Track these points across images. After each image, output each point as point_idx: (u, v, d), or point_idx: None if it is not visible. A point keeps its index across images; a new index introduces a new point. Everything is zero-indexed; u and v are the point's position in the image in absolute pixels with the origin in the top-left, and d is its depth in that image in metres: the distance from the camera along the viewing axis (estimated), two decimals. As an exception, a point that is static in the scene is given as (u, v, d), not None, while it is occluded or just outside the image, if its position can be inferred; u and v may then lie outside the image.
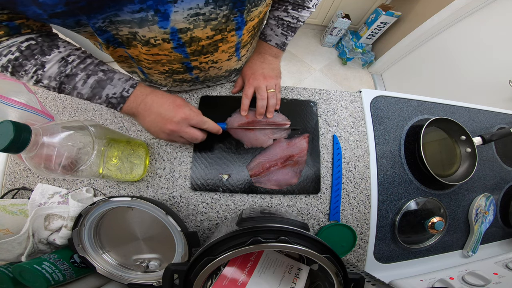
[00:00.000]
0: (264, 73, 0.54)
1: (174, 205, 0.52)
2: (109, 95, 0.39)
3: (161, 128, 0.41)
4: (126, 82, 0.40)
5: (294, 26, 0.51)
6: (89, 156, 0.34)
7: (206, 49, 0.42)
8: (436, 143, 0.63)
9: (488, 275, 0.49)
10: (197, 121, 0.43)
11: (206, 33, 0.38)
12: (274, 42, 0.53)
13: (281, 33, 0.52)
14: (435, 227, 0.55)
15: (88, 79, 0.38)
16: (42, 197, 0.48)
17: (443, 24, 1.51)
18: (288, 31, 0.52)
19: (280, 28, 0.51)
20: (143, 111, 0.41)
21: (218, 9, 0.34)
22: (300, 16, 0.50)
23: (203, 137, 0.45)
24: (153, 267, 0.44)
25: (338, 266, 0.28)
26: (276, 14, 0.50)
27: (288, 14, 0.49)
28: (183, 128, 0.41)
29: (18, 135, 0.26)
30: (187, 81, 0.53)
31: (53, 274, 0.38)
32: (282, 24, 0.50)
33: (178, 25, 0.35)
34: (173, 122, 0.40)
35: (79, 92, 0.38)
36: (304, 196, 0.54)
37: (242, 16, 0.38)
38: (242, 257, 0.32)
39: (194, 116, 0.42)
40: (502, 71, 1.23)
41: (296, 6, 0.48)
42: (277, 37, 0.52)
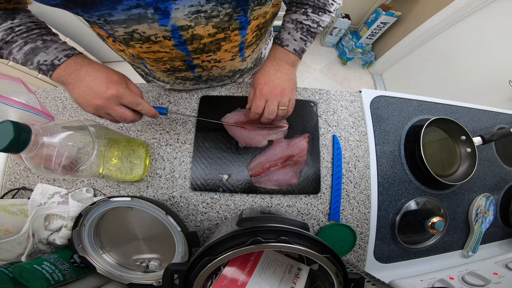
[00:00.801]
0: (280, 84, 0.47)
1: (174, 205, 0.52)
2: (40, 62, 0.37)
3: (88, 102, 0.37)
4: (63, 51, 0.38)
5: (314, 31, 0.47)
6: (89, 156, 0.34)
7: (208, 47, 0.41)
8: (436, 143, 0.63)
9: (488, 275, 0.49)
10: (130, 101, 0.38)
11: (207, 30, 0.37)
12: (292, 48, 0.47)
13: (300, 38, 0.47)
14: (435, 227, 0.55)
15: (24, 46, 0.37)
16: (42, 197, 0.48)
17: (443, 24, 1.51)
18: (307, 36, 0.47)
19: (299, 32, 0.47)
20: (74, 81, 0.38)
21: (220, 7, 0.34)
22: (320, 21, 0.46)
23: (133, 118, 0.40)
24: (153, 267, 0.44)
25: (338, 266, 0.28)
26: (294, 17, 0.46)
27: (308, 17, 0.45)
28: (111, 105, 0.37)
29: (18, 135, 0.26)
30: (190, 79, 0.52)
31: (53, 274, 0.38)
32: (302, 28, 0.46)
33: (179, 22, 0.34)
34: (102, 97, 0.36)
35: (14, 57, 0.38)
36: (304, 196, 0.54)
37: (246, 15, 0.38)
38: (242, 257, 0.32)
39: (128, 96, 0.38)
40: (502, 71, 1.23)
41: (317, 9, 0.45)
42: (296, 42, 0.47)
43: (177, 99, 0.59)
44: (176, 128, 0.56)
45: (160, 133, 0.56)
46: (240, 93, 0.60)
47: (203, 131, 0.55)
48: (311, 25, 0.46)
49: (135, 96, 0.39)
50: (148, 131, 0.56)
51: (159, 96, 0.59)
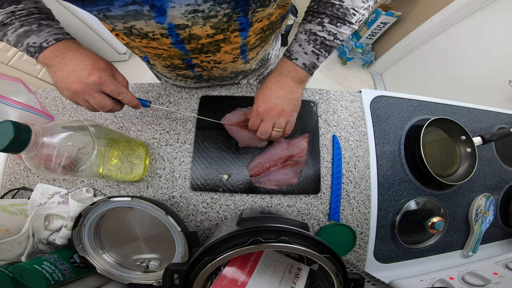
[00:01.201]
0: (278, 105, 0.44)
1: (174, 205, 0.52)
2: (29, 43, 0.37)
3: (67, 85, 0.36)
4: (54, 35, 0.37)
5: (330, 44, 0.42)
6: (89, 156, 0.34)
7: (206, 48, 0.41)
8: (436, 143, 0.63)
9: (488, 275, 0.49)
10: (111, 89, 0.37)
11: (205, 31, 0.37)
12: (302, 62, 0.43)
13: (312, 52, 0.42)
14: (435, 227, 0.55)
15: (19, 28, 0.37)
16: (42, 197, 0.48)
17: (443, 24, 1.51)
18: (321, 49, 0.42)
19: (312, 45, 0.41)
20: (58, 64, 0.36)
21: (218, 6, 0.33)
22: (338, 33, 0.41)
23: (112, 107, 0.38)
24: (153, 267, 0.44)
25: (338, 266, 0.28)
26: (308, 27, 0.41)
27: (324, 28, 0.40)
28: (90, 92, 0.36)
29: (18, 135, 0.26)
30: (191, 78, 0.52)
31: (53, 274, 0.38)
32: (315, 40, 0.41)
33: (176, 21, 0.34)
34: (83, 82, 0.35)
35: (7, 39, 0.37)
36: (304, 196, 0.54)
37: (246, 17, 0.37)
38: (242, 257, 0.32)
39: (110, 84, 0.37)
40: (502, 71, 1.23)
41: (335, 19, 0.40)
42: (306, 56, 0.42)
43: (177, 99, 0.59)
44: (176, 128, 0.56)
45: (160, 133, 0.56)
46: (240, 93, 0.60)
47: (203, 131, 0.55)
48: (326, 37, 0.41)
49: (117, 84, 0.38)
50: (148, 131, 0.56)
51: (159, 96, 0.59)
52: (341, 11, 0.39)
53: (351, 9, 0.39)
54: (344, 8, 0.39)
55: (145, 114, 0.57)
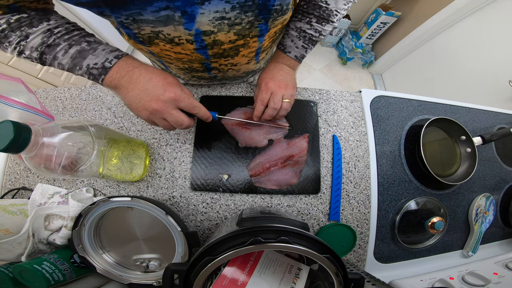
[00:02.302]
0: (284, 80, 0.50)
1: (174, 205, 0.52)
2: (90, 65, 0.35)
3: (144, 105, 0.35)
4: (111, 52, 0.36)
5: (316, 39, 0.49)
6: (89, 156, 0.34)
7: (227, 52, 0.43)
8: (436, 143, 0.63)
9: (488, 275, 0.49)
10: (187, 104, 0.37)
11: (229, 37, 0.39)
12: (294, 55, 0.50)
13: (302, 46, 0.49)
14: (435, 227, 0.55)
15: (69, 49, 0.35)
16: (42, 197, 0.48)
17: (443, 24, 1.51)
18: (309, 44, 0.49)
19: (302, 41, 0.49)
20: (127, 84, 0.35)
21: (243, 15, 0.35)
22: (323, 30, 0.48)
23: (189, 123, 0.38)
24: (153, 267, 0.44)
25: (338, 266, 0.28)
26: (298, 25, 0.48)
27: (312, 27, 0.47)
28: (168, 109, 0.36)
29: (18, 135, 0.26)
30: (205, 78, 0.55)
31: (53, 274, 0.38)
32: (304, 36, 0.48)
33: (203, 27, 0.35)
34: (160, 100, 0.34)
35: (59, 62, 0.35)
36: (304, 196, 0.54)
37: (266, 24, 0.39)
38: (242, 257, 0.32)
39: (185, 98, 0.37)
40: (502, 71, 1.23)
41: (321, 19, 0.46)
42: (297, 50, 0.50)
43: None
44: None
45: (160, 133, 0.56)
46: (240, 93, 0.60)
47: (203, 131, 0.55)
48: (314, 34, 0.48)
49: (191, 99, 0.38)
50: (148, 131, 0.56)
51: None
52: (327, 12, 0.45)
53: (334, 11, 0.45)
54: (329, 10, 0.45)
55: (145, 114, 0.57)
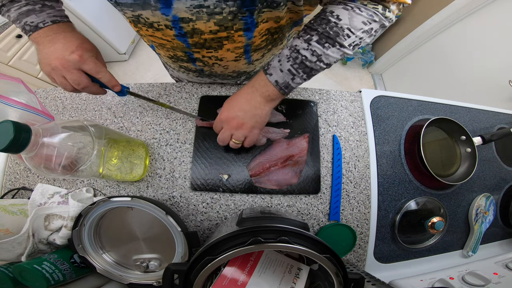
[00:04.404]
0: (239, 118, 0.42)
1: (174, 205, 0.52)
2: (27, 22, 0.37)
3: (48, 61, 0.37)
4: (52, 17, 0.38)
5: (310, 66, 0.38)
6: (89, 156, 0.34)
7: (209, 43, 0.41)
8: (436, 143, 0.63)
9: (488, 275, 0.49)
10: (91, 68, 0.38)
11: (209, 27, 0.37)
12: (274, 79, 0.39)
13: (288, 70, 0.38)
14: (435, 227, 0.55)
15: (24, 7, 0.37)
16: (42, 197, 0.48)
17: (443, 24, 1.51)
18: (298, 69, 0.38)
19: (290, 63, 0.38)
20: (47, 42, 0.37)
21: (223, 4, 0.33)
22: (324, 55, 0.37)
23: (87, 84, 0.39)
24: (153, 267, 0.44)
25: (338, 266, 0.28)
26: (294, 43, 0.38)
27: (309, 47, 0.37)
28: (69, 68, 0.37)
29: (18, 135, 0.26)
30: (193, 71, 0.52)
31: (53, 274, 0.38)
32: (296, 58, 0.37)
33: (180, 14, 0.34)
34: (64, 59, 0.36)
35: (9, 14, 0.38)
36: (304, 196, 0.54)
37: (252, 17, 0.36)
38: (242, 257, 0.32)
39: (90, 62, 0.37)
40: (502, 71, 1.23)
41: (324, 38, 0.36)
42: (281, 74, 0.39)
43: (177, 99, 0.59)
44: (176, 128, 0.56)
45: (160, 133, 0.56)
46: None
47: (203, 130, 0.55)
48: (308, 57, 0.37)
49: (98, 64, 0.39)
50: (148, 131, 0.56)
51: (159, 96, 0.59)
52: (334, 30, 0.36)
53: (346, 29, 0.36)
54: (338, 28, 0.35)
55: (145, 114, 0.57)
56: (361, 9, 0.36)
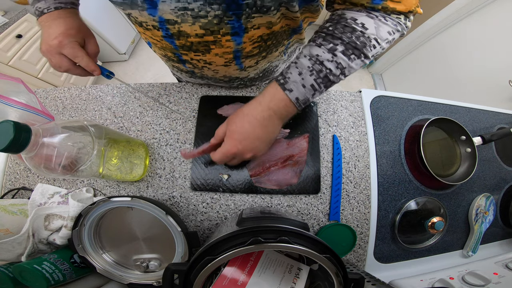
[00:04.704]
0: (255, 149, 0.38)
1: (174, 205, 0.52)
2: (36, 7, 0.41)
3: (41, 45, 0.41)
4: (56, 4, 0.41)
5: (333, 80, 0.35)
6: (89, 156, 0.34)
7: (196, 46, 0.40)
8: (436, 143, 0.63)
9: (488, 275, 0.49)
10: (68, 53, 0.40)
11: (194, 30, 0.36)
12: (295, 96, 0.35)
13: (311, 86, 0.35)
14: (435, 227, 0.55)
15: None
16: (42, 197, 0.48)
17: (443, 24, 1.51)
18: (321, 84, 0.35)
19: (314, 77, 0.34)
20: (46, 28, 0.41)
21: (208, 7, 0.32)
22: (348, 67, 0.35)
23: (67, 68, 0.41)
24: (153, 267, 0.44)
25: (338, 266, 0.28)
26: (315, 52, 0.34)
27: (334, 58, 0.34)
28: (52, 53, 0.40)
29: (18, 135, 0.26)
30: (185, 72, 0.52)
31: (53, 274, 0.38)
32: (319, 71, 0.34)
33: (166, 15, 0.34)
34: (47, 43, 0.40)
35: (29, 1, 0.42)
36: (304, 196, 0.54)
37: (239, 21, 0.35)
38: (242, 257, 0.32)
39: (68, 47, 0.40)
40: (502, 71, 1.23)
41: (351, 49, 0.33)
42: (303, 90, 0.35)
43: (177, 99, 0.59)
44: (176, 128, 0.56)
45: (160, 133, 0.56)
46: (240, 93, 0.60)
47: (203, 131, 0.55)
48: (333, 70, 0.34)
49: (76, 49, 0.40)
50: (148, 131, 0.56)
51: (159, 96, 0.59)
52: (361, 40, 0.33)
53: (373, 39, 0.33)
54: (365, 37, 0.33)
55: (145, 114, 0.57)
56: (386, 19, 0.35)
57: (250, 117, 0.37)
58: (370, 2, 0.34)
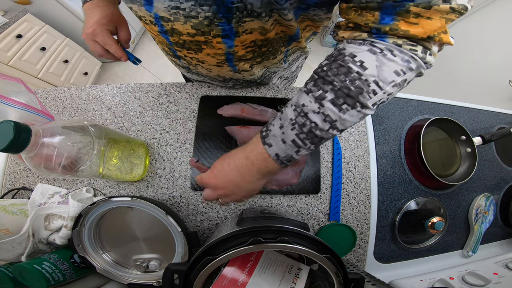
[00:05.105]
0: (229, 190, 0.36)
1: (174, 205, 0.52)
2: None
3: (84, 28, 0.44)
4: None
5: (321, 135, 0.29)
6: (89, 156, 0.34)
7: (188, 45, 0.41)
8: (436, 143, 0.63)
9: (488, 275, 0.49)
10: (100, 40, 0.44)
11: (186, 29, 0.37)
12: (274, 152, 0.31)
13: (293, 141, 0.30)
14: (435, 227, 0.55)
15: None
16: (42, 197, 0.48)
17: (443, 24, 1.51)
18: (306, 140, 0.30)
19: (296, 131, 0.29)
20: (87, 15, 0.45)
21: (198, 8, 0.32)
22: (339, 121, 0.28)
23: (102, 53, 0.45)
24: (153, 267, 0.44)
25: (338, 266, 0.28)
26: (301, 101, 0.30)
27: (320, 109, 0.28)
28: (88, 40, 0.44)
29: (18, 135, 0.26)
30: (181, 66, 0.53)
31: (53, 274, 0.38)
32: (302, 125, 0.29)
33: (160, 12, 0.35)
34: (85, 31, 0.44)
35: None
36: (304, 196, 0.54)
37: (230, 25, 0.35)
38: (242, 257, 0.32)
39: (99, 35, 0.43)
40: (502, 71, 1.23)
41: (342, 98, 0.27)
42: (283, 146, 0.30)
43: (177, 99, 0.59)
44: (176, 128, 0.56)
45: (160, 133, 0.56)
46: (240, 93, 0.60)
47: (203, 131, 0.55)
48: (319, 124, 0.28)
49: (107, 37, 0.44)
50: (148, 131, 0.56)
51: (159, 96, 0.59)
52: (356, 84, 0.27)
53: (373, 82, 0.27)
54: (362, 81, 0.27)
55: (145, 114, 0.57)
56: (394, 53, 0.27)
57: (230, 160, 0.35)
58: (377, 22, 0.27)
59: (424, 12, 0.25)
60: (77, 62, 1.75)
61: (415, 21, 0.26)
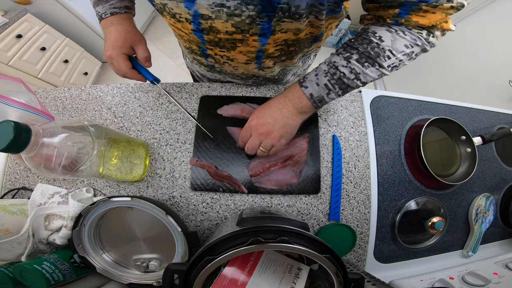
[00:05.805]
0: (269, 125, 0.43)
1: (174, 205, 0.52)
2: (97, 11, 0.47)
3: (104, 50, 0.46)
4: (111, 9, 0.46)
5: (347, 83, 0.39)
6: (89, 156, 0.34)
7: (223, 43, 0.41)
8: (436, 143, 0.63)
9: (488, 275, 0.49)
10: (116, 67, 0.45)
11: (226, 27, 0.37)
12: (309, 92, 0.41)
13: (325, 85, 0.40)
14: (435, 227, 0.55)
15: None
16: (42, 197, 0.48)
17: (443, 24, 1.51)
18: (335, 85, 0.39)
19: (328, 78, 0.39)
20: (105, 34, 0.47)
21: (244, 6, 0.33)
22: (362, 74, 0.38)
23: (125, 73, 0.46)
24: (153, 267, 0.44)
25: (338, 266, 0.28)
26: (333, 59, 0.40)
27: (348, 64, 0.38)
28: (109, 62, 0.46)
29: (18, 135, 0.26)
30: (204, 65, 0.54)
31: (53, 274, 0.38)
32: (333, 74, 0.39)
33: (202, 10, 0.35)
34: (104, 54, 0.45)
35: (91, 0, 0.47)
36: (304, 196, 0.54)
37: (270, 23, 0.36)
38: (242, 257, 0.32)
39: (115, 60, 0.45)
40: (502, 71, 1.23)
41: (364, 58, 0.37)
42: (317, 88, 0.40)
43: (177, 99, 0.59)
44: (176, 128, 0.56)
45: (160, 133, 0.56)
46: (240, 93, 0.60)
47: (203, 131, 0.55)
48: (347, 74, 0.38)
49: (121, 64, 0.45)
50: (148, 131, 0.56)
51: (159, 96, 0.59)
52: (375, 50, 0.37)
53: (387, 50, 0.37)
54: (379, 48, 0.37)
55: (145, 114, 0.57)
56: (405, 33, 0.37)
57: (270, 103, 0.45)
58: (396, 15, 0.36)
59: (431, 9, 0.34)
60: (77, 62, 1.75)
61: (423, 15, 0.35)
